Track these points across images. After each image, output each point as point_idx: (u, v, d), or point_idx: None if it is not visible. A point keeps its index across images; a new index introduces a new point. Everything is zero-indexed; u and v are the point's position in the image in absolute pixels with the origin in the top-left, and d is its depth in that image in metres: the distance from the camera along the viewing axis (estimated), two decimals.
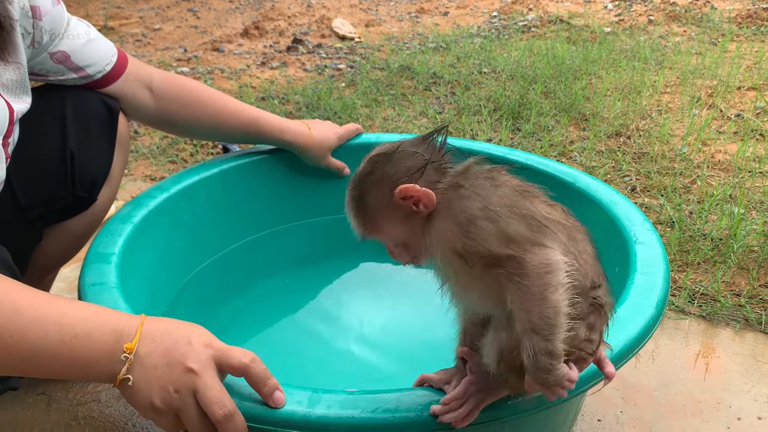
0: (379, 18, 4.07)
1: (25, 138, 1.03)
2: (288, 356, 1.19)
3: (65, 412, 1.18)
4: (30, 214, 1.07)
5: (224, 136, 1.33)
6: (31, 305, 0.68)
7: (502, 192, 0.69)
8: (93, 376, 0.70)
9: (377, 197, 0.72)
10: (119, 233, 1.10)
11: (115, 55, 1.15)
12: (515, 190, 0.70)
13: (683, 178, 1.95)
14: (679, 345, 1.33)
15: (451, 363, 0.81)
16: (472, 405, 0.74)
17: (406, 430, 0.73)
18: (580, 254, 0.70)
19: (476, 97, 2.58)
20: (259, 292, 1.37)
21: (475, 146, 1.41)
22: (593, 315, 0.70)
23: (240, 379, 0.74)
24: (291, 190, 1.43)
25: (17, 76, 0.98)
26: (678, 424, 1.15)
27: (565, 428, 0.99)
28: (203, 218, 1.32)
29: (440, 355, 1.19)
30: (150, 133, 2.39)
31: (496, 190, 0.68)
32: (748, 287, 1.48)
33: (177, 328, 0.73)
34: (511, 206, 0.67)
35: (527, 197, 0.70)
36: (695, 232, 1.66)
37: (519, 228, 0.66)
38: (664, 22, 3.68)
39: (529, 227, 0.66)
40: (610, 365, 0.77)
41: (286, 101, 2.65)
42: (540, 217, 0.68)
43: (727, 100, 2.52)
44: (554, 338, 0.64)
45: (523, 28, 3.69)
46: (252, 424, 0.72)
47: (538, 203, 0.70)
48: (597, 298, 0.70)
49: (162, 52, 3.43)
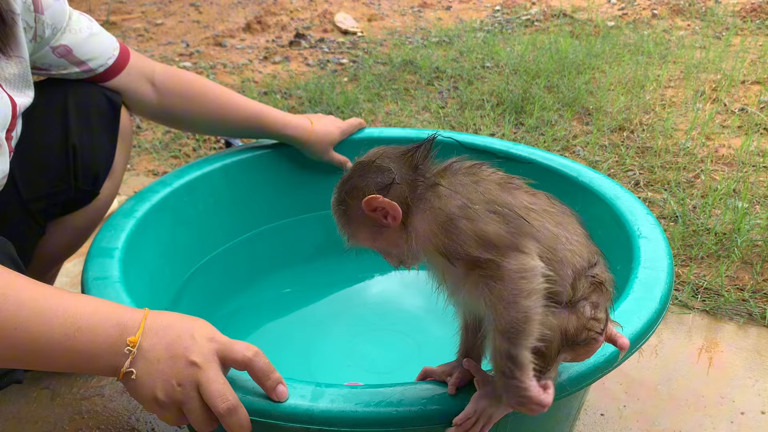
0: (381, 12, 4.06)
1: (28, 132, 1.03)
2: (291, 350, 1.19)
3: (69, 406, 1.18)
4: (33, 208, 1.07)
5: (226, 130, 1.33)
6: (35, 298, 0.69)
7: (483, 188, 0.68)
8: (97, 369, 0.70)
9: (352, 207, 0.72)
10: (122, 228, 1.10)
11: (117, 49, 1.15)
12: (497, 184, 0.69)
13: (687, 173, 1.95)
14: (683, 339, 1.33)
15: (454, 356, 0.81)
16: (483, 421, 0.73)
17: (410, 423, 0.73)
18: (571, 236, 0.69)
19: (479, 92, 2.58)
20: (262, 286, 1.38)
21: (479, 141, 1.40)
22: (595, 293, 0.70)
23: (243, 373, 0.74)
24: (293, 184, 1.43)
25: (19, 70, 0.98)
26: (681, 418, 1.15)
27: (568, 422, 0.99)
28: (206, 213, 1.32)
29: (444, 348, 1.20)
30: (153, 128, 2.39)
31: (476, 186, 0.68)
32: (751, 282, 1.48)
33: (180, 322, 0.73)
34: (490, 202, 0.67)
35: (508, 190, 0.69)
36: (699, 226, 1.65)
37: (497, 228, 0.65)
38: (667, 15, 3.66)
39: (507, 226, 0.66)
40: (622, 337, 0.75)
41: (288, 96, 2.65)
42: (521, 209, 0.67)
43: (731, 95, 2.51)
44: (519, 344, 0.64)
45: (526, 22, 3.68)
46: (255, 417, 0.72)
47: (521, 194, 0.69)
48: (596, 276, 0.70)
49: (164, 47, 3.42)
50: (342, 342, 1.23)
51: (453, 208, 0.67)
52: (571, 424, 1.01)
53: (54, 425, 1.14)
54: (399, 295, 1.36)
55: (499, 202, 0.67)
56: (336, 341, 1.23)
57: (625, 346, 0.75)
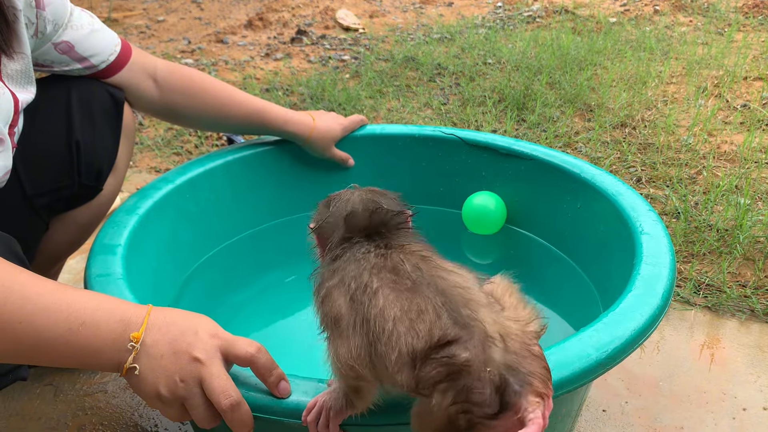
0: (383, 9, 4.05)
1: (31, 127, 1.03)
2: (293, 347, 1.20)
3: (72, 403, 1.19)
4: (36, 203, 1.07)
5: (228, 126, 1.33)
6: (40, 293, 0.69)
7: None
8: (100, 364, 0.70)
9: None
10: (125, 224, 1.10)
11: (119, 45, 1.15)
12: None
13: (689, 169, 1.94)
14: (685, 336, 1.33)
15: None
16: None
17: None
18: (420, 313, 0.62)
19: (481, 88, 2.58)
20: (264, 283, 1.38)
21: (481, 137, 1.41)
22: (448, 380, 0.59)
23: (246, 370, 0.74)
24: (295, 181, 1.43)
25: (21, 66, 0.98)
26: (683, 414, 1.15)
27: (570, 419, 0.99)
28: (208, 209, 1.32)
29: None
30: (155, 125, 2.39)
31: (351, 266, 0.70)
32: (753, 278, 1.48)
33: (183, 318, 0.73)
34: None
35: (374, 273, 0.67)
36: (701, 222, 1.65)
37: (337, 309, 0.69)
38: (669, 12, 3.65)
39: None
40: (530, 422, 0.59)
41: (290, 93, 2.65)
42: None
43: (733, 91, 2.50)
44: None
45: (528, 18, 3.67)
46: (258, 413, 0.73)
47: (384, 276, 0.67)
48: (451, 357, 0.59)
49: (166, 44, 3.42)
50: None
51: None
52: (573, 420, 1.01)
53: (57, 422, 1.15)
54: None
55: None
56: None
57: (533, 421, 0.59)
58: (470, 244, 1.48)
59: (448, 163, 1.45)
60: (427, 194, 1.49)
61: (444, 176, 1.46)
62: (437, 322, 0.61)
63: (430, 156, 1.46)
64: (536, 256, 1.37)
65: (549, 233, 1.36)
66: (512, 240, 1.41)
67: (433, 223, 1.50)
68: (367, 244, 0.72)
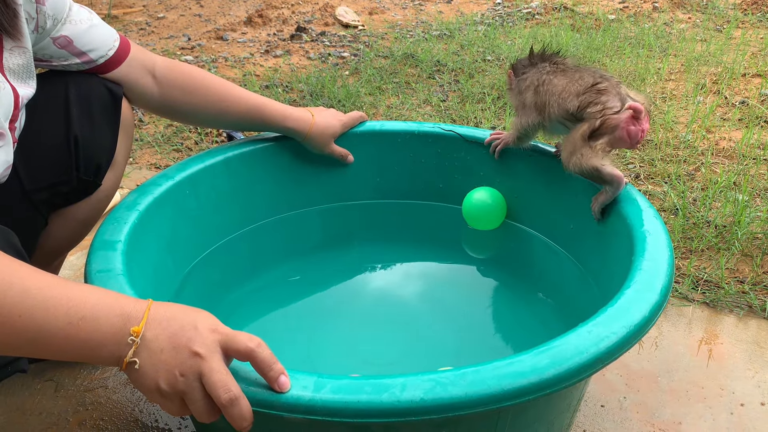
0: (382, 6, 4.05)
1: (29, 122, 1.03)
2: (293, 341, 1.20)
3: (72, 398, 1.19)
4: (35, 198, 1.07)
5: (228, 123, 1.33)
6: (40, 287, 0.69)
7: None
8: (100, 358, 0.71)
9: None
10: (125, 221, 1.10)
11: (117, 41, 1.15)
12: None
13: (687, 166, 1.95)
14: (683, 331, 1.34)
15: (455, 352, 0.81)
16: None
17: (412, 414, 0.73)
18: (582, 77, 1.16)
19: (480, 85, 2.58)
20: (264, 278, 1.38)
21: (480, 134, 1.41)
22: (597, 96, 1.11)
23: (246, 364, 0.75)
24: (295, 177, 1.43)
25: (23, 61, 0.98)
26: (681, 409, 1.15)
27: (568, 414, 0.99)
28: (208, 205, 1.32)
29: (445, 341, 1.20)
30: (155, 122, 2.39)
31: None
32: (752, 274, 1.48)
33: (183, 312, 0.73)
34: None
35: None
36: (699, 219, 1.66)
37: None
38: (668, 9, 3.66)
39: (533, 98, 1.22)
40: (633, 103, 1.09)
41: (290, 89, 2.65)
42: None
43: (731, 87, 2.51)
44: None
45: (527, 15, 3.67)
46: (257, 408, 0.73)
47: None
48: (599, 89, 1.11)
49: (166, 41, 3.42)
50: (343, 333, 1.24)
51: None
52: (571, 415, 1.02)
53: (58, 417, 1.15)
54: (400, 288, 1.36)
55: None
56: (337, 333, 1.24)
57: (632, 107, 1.07)
58: (470, 239, 1.49)
59: (447, 159, 1.45)
60: (427, 190, 1.49)
61: (443, 172, 1.46)
62: (591, 79, 1.13)
63: (430, 152, 1.46)
64: (536, 252, 1.38)
65: (549, 229, 1.36)
66: (512, 235, 1.42)
67: (433, 219, 1.50)
68: (542, 64, 1.22)
